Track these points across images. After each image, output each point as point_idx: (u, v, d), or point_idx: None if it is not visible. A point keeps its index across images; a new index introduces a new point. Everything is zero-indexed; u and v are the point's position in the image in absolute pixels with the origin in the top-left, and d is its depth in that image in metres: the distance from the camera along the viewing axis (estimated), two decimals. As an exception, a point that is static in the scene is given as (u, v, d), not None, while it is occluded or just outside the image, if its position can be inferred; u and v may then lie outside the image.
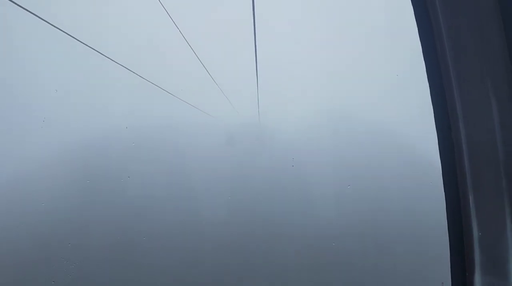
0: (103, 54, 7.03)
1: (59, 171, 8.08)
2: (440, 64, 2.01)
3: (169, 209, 8.05)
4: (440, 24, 1.96)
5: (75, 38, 6.38)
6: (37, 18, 5.56)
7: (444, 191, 2.01)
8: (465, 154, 1.93)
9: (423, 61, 2.04)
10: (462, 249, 1.95)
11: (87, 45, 6.60)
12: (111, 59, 7.30)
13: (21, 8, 5.27)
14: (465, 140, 1.93)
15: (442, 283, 2.07)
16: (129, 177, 7.84)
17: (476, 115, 1.93)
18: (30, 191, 7.78)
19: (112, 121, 8.95)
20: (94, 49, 6.72)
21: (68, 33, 6.23)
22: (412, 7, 2.05)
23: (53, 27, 5.90)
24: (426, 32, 2.02)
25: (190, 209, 8.31)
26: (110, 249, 6.95)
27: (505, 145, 1.86)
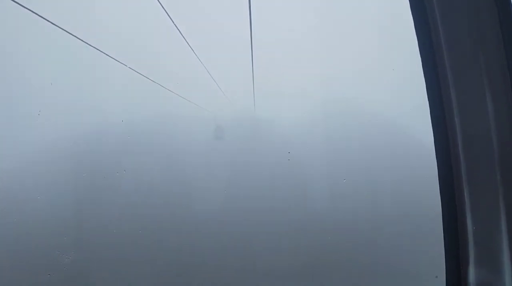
0: (97, 49, 6.97)
1: (55, 162, 8.03)
2: (436, 59, 2.01)
3: (163, 202, 8.04)
4: (436, 19, 1.96)
5: (69, 33, 6.32)
6: (31, 12, 5.51)
7: (439, 185, 2.03)
8: (460, 148, 1.94)
9: (419, 56, 2.04)
10: (456, 243, 1.96)
11: (81, 39, 6.54)
12: (105, 54, 7.24)
13: (14, 2, 5.21)
14: (460, 135, 1.94)
15: (436, 276, 2.08)
16: (124, 171, 7.80)
17: (471, 110, 1.94)
18: (24, 183, 7.73)
19: (108, 115, 8.89)
20: (87, 43, 6.66)
21: (63, 28, 6.17)
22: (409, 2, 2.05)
23: (49, 22, 5.85)
24: (422, 27, 2.02)
25: (185, 202, 8.31)
26: (105, 242, 6.95)
27: (500, 139, 1.87)
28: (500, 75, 1.87)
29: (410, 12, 2.06)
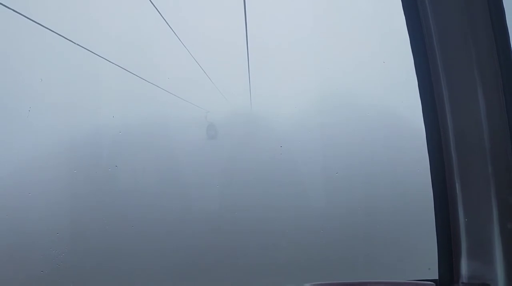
0: (89, 50, 6.94)
1: (46, 160, 7.98)
2: (428, 54, 2.03)
3: (158, 201, 8.03)
4: (427, 14, 1.98)
5: (61, 35, 6.29)
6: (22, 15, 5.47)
7: (431, 177, 2.04)
8: (452, 141, 1.96)
9: (411, 51, 2.06)
10: (448, 235, 1.98)
11: (71, 41, 6.51)
12: (97, 55, 7.20)
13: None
14: (452, 128, 1.96)
15: (429, 269, 2.11)
16: (116, 166, 7.76)
17: (463, 104, 1.95)
18: (16, 181, 7.68)
19: (100, 112, 8.84)
20: (79, 45, 6.63)
21: (53, 30, 6.14)
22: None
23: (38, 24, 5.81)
24: (414, 22, 2.03)
25: (183, 202, 8.29)
26: (97, 238, 6.93)
27: (491, 132, 1.89)
28: (491, 70, 1.89)
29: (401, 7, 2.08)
